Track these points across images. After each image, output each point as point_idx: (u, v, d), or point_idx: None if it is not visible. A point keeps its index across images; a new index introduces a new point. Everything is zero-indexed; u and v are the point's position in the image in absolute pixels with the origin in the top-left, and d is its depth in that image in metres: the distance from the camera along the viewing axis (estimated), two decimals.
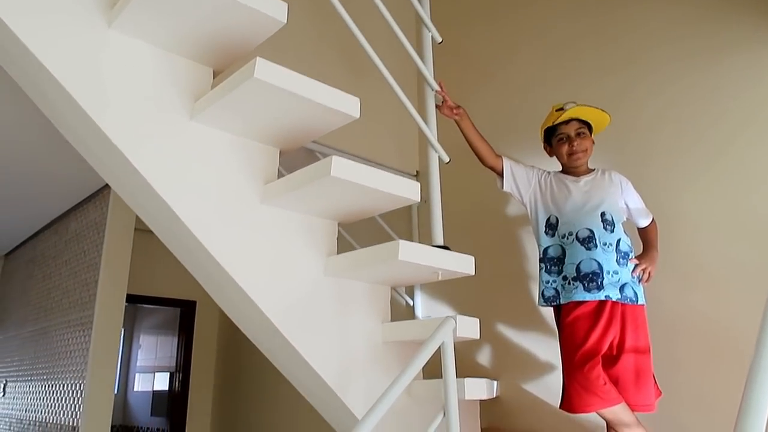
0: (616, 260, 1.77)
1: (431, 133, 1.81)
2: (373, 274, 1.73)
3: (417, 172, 2.83)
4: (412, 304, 2.76)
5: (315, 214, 1.70)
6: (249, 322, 1.71)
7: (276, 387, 3.79)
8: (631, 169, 1.99)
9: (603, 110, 1.88)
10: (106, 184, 3.19)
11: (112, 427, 5.39)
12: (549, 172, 1.95)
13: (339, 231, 2.21)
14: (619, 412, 1.62)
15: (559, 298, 1.80)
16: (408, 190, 1.60)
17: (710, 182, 1.95)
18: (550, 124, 1.89)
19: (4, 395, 4.05)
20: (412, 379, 1.44)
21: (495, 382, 2.25)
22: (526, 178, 1.94)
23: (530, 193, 1.93)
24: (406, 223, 2.89)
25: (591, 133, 1.92)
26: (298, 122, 1.56)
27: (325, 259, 1.71)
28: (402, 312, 2.72)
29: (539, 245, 1.89)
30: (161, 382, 5.09)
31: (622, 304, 1.74)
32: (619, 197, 1.88)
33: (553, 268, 1.83)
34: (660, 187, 2.03)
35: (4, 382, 4.10)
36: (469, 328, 1.67)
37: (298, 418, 3.51)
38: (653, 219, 1.92)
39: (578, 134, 1.88)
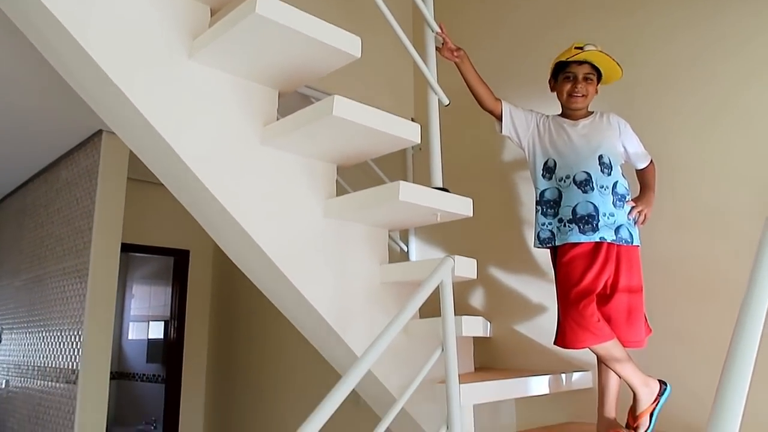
0: (613, 203, 1.80)
1: (431, 75, 1.81)
2: (373, 216, 1.75)
3: (412, 119, 2.83)
4: (406, 250, 2.80)
5: (314, 157, 1.71)
6: (250, 264, 1.73)
7: (270, 332, 3.87)
8: (628, 112, 2.00)
9: (619, 64, 1.87)
10: (97, 132, 3.15)
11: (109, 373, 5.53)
12: (548, 116, 1.96)
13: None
14: (610, 347, 1.68)
15: (555, 240, 1.83)
16: (409, 132, 1.61)
17: (707, 126, 1.97)
18: (563, 59, 1.88)
19: (0, 342, 4.10)
20: (411, 316, 1.48)
21: (488, 323, 2.32)
22: (524, 122, 1.95)
23: (528, 136, 1.94)
24: (401, 171, 2.90)
25: (599, 82, 1.92)
26: (298, 62, 1.55)
27: (324, 201, 1.72)
28: (397, 258, 2.76)
29: (536, 188, 1.91)
30: (156, 331, 5.16)
31: (617, 245, 1.78)
32: (617, 140, 1.90)
33: (549, 210, 1.86)
34: (656, 129, 2.05)
35: (0, 329, 4.14)
36: (466, 268, 1.70)
37: (293, 361, 3.60)
38: (651, 161, 1.94)
39: (585, 78, 1.88)
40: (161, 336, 4.98)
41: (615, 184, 1.83)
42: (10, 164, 3.71)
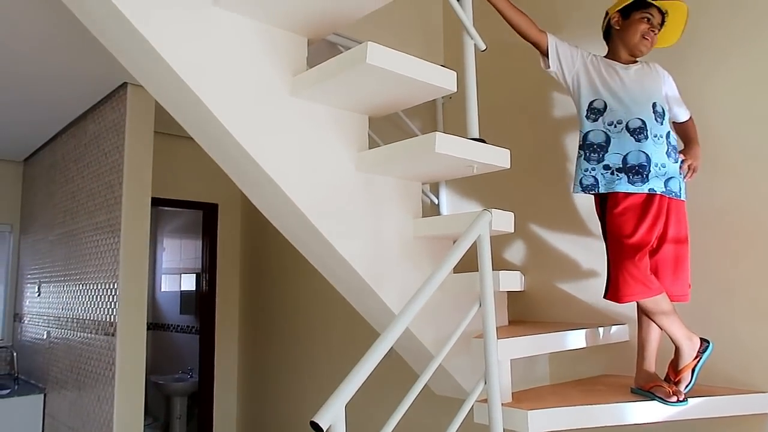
0: (666, 152, 1.72)
1: (467, 18, 1.71)
2: (406, 169, 1.70)
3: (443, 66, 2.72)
4: (437, 203, 2.75)
5: (346, 108, 1.65)
6: (283, 219, 1.71)
7: (301, 283, 3.90)
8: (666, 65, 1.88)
9: (682, 33, 1.78)
10: (122, 84, 3.11)
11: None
12: (597, 56, 1.85)
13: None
14: (660, 301, 1.64)
15: (598, 187, 1.76)
16: (445, 80, 1.53)
17: (738, 71, 1.84)
18: None
19: (39, 295, 4.22)
20: (449, 271, 1.45)
21: (523, 276, 2.28)
22: (570, 57, 1.84)
23: (574, 73, 1.83)
24: (431, 122, 2.82)
25: None
26: (327, 4, 1.47)
27: (356, 154, 1.68)
28: (427, 211, 2.72)
29: (580, 130, 1.83)
30: (188, 283, 5.26)
31: (669, 198, 1.71)
32: (663, 89, 1.81)
33: (592, 155, 1.78)
34: (688, 77, 1.94)
35: (38, 282, 4.25)
36: (504, 221, 1.65)
37: (325, 311, 3.64)
38: (690, 116, 1.86)
39: (657, 27, 1.78)
40: (193, 288, 5.06)
41: (668, 134, 1.75)
42: (38, 117, 3.71)
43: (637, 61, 1.83)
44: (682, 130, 1.87)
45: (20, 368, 4.38)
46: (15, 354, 4.42)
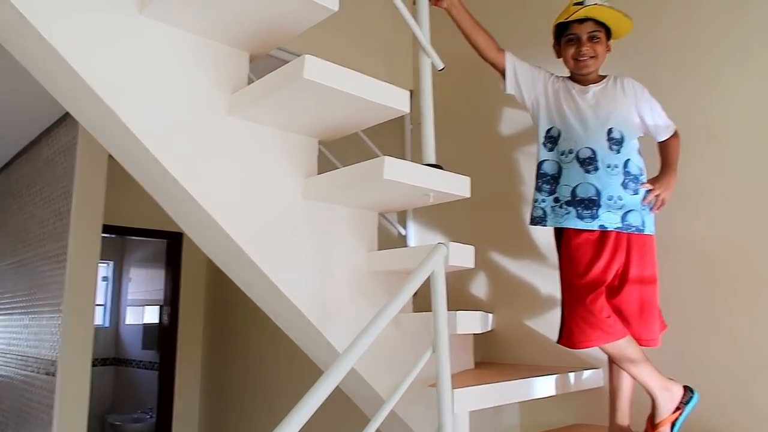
0: (622, 183, 1.58)
1: (423, 36, 1.59)
2: (357, 197, 1.55)
3: (411, 91, 2.60)
4: (404, 234, 2.60)
5: (290, 129, 1.50)
6: (217, 249, 1.54)
7: (266, 318, 3.70)
8: (643, 74, 1.76)
9: (627, 15, 1.63)
10: None
11: (106, 359, 5.42)
12: (558, 78, 1.73)
13: (326, 156, 2.03)
14: (623, 346, 1.49)
15: (546, 220, 1.63)
16: (395, 99, 1.40)
17: (731, 91, 1.73)
18: (562, 20, 1.65)
19: None
20: (398, 310, 1.29)
21: (490, 315, 2.12)
22: (530, 79, 1.72)
23: (533, 97, 1.72)
24: (399, 148, 2.69)
25: (608, 39, 1.68)
26: (272, 16, 1.33)
27: (303, 181, 1.53)
28: (394, 243, 2.57)
29: (537, 159, 1.70)
30: (151, 316, 5.02)
31: (628, 234, 1.57)
32: (631, 109, 1.66)
33: (544, 186, 1.66)
34: (681, 91, 1.82)
35: None
36: (463, 256, 1.51)
37: (289, 349, 3.43)
38: (675, 132, 1.70)
39: (591, 38, 1.64)
40: (157, 321, 4.84)
41: (626, 163, 1.60)
42: None
43: (604, 77, 1.70)
44: (661, 150, 1.72)
45: None
46: None
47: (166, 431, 4.15)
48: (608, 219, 1.54)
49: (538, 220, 1.65)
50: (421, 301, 1.81)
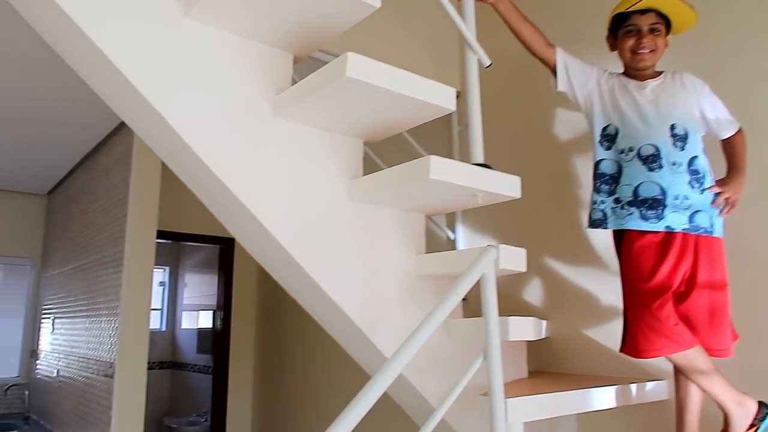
0: (689, 182, 1.48)
1: (469, 32, 1.53)
2: (404, 199, 1.51)
3: (458, 93, 2.54)
4: (453, 238, 2.54)
5: (334, 129, 1.48)
6: (265, 253, 1.53)
7: (315, 322, 3.70)
8: (706, 72, 1.65)
9: (692, 8, 1.53)
10: None
11: (163, 362, 5.56)
12: (612, 74, 1.64)
13: (371, 158, 2.00)
14: (692, 356, 1.38)
15: (607, 222, 1.54)
16: (441, 97, 1.35)
17: None
18: (622, 10, 1.56)
19: (53, 331, 4.13)
20: (446, 315, 1.24)
21: (544, 322, 2.03)
22: (583, 75, 1.64)
23: (586, 94, 1.64)
24: (446, 152, 2.63)
25: (668, 33, 1.59)
26: (315, 15, 1.31)
27: (348, 182, 1.50)
28: (443, 247, 2.51)
29: (593, 158, 1.61)
30: (205, 321, 5.12)
31: (696, 235, 1.46)
32: (693, 105, 1.56)
33: (603, 186, 1.57)
34: (742, 87, 1.69)
35: (52, 318, 4.18)
36: (514, 259, 1.44)
37: (341, 353, 3.42)
38: (740, 130, 1.59)
39: (652, 30, 1.55)
40: (210, 326, 4.93)
41: (692, 160, 1.50)
42: (57, 150, 3.69)
43: (661, 73, 1.61)
44: (726, 149, 1.61)
45: (33, 407, 4.27)
46: (27, 393, 4.33)
47: None
48: (675, 220, 1.45)
49: (598, 223, 1.57)
50: (472, 306, 1.75)
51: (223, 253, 4.44)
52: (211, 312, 4.83)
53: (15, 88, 2.78)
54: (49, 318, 4.28)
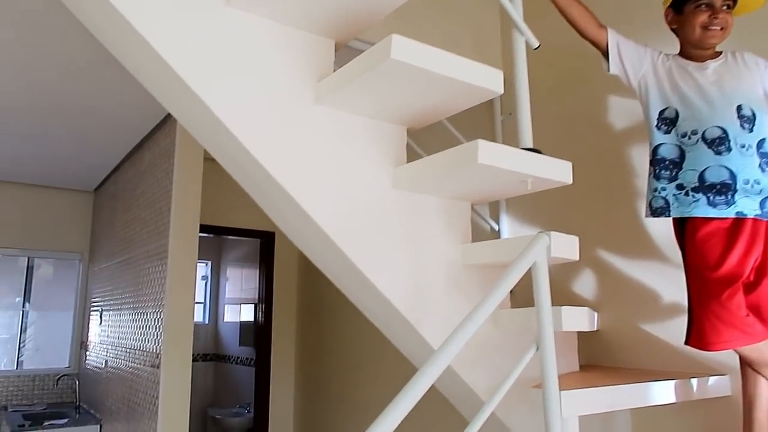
0: (759, 165, 1.40)
1: (516, 13, 1.48)
2: (450, 186, 1.47)
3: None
4: (497, 229, 2.48)
5: (377, 116, 1.44)
6: (310, 243, 1.51)
7: (357, 314, 3.69)
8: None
9: None
10: None
11: (207, 355, 5.66)
12: (668, 55, 1.56)
13: (412, 147, 1.96)
14: (765, 349, 1.31)
15: (669, 210, 1.46)
16: (488, 80, 1.30)
17: None
18: None
19: (101, 323, 4.24)
20: (496, 305, 1.19)
21: (595, 314, 1.96)
22: (636, 57, 1.57)
23: (640, 76, 1.56)
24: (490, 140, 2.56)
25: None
26: (357, 0, 1.28)
27: (393, 170, 1.46)
28: (487, 238, 2.45)
29: (650, 143, 1.54)
30: (247, 314, 5.18)
31: (766, 222, 1.38)
32: (757, 85, 1.48)
33: (664, 172, 1.49)
34: None
35: (101, 310, 4.29)
36: (566, 246, 1.38)
37: (384, 345, 3.40)
38: None
39: (724, 5, 1.47)
40: (252, 319, 4.98)
41: (761, 142, 1.42)
42: (103, 147, 3.77)
43: (720, 53, 1.52)
44: None
45: (83, 396, 4.40)
46: (78, 382, 4.46)
47: (263, 426, 4.24)
48: (746, 205, 1.36)
49: (660, 211, 1.49)
50: (518, 298, 1.70)
51: (263, 246, 4.47)
52: (253, 305, 4.88)
53: (65, 93, 2.86)
54: (97, 311, 4.39)
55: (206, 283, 5.92)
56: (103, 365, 4.02)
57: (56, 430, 3.76)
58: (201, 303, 5.83)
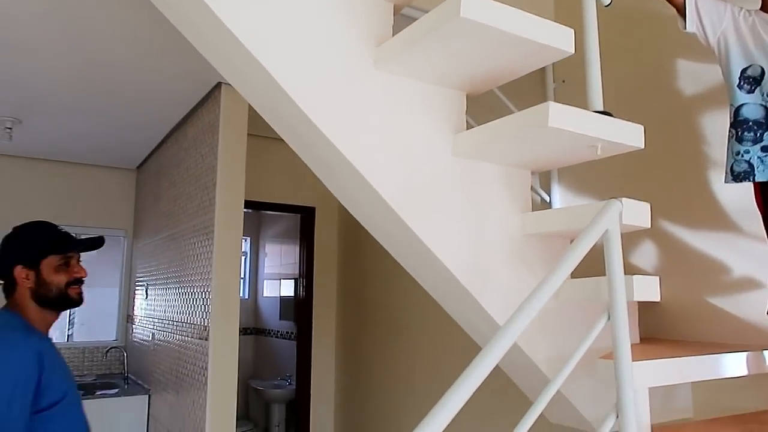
0: None
1: None
2: (513, 153, 1.42)
3: None
4: (548, 200, 2.42)
5: (438, 82, 1.40)
6: (368, 214, 1.49)
7: (400, 289, 3.69)
8: None
9: None
10: (216, 85, 3.07)
11: (247, 329, 5.75)
12: (749, 10, 1.47)
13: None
14: None
15: (754, 174, 1.39)
16: (559, 39, 1.24)
17: None
18: None
19: (146, 298, 4.33)
20: (568, 275, 1.16)
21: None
22: (716, 12, 1.48)
23: (719, 33, 1.48)
24: None
25: None
26: None
27: (452, 137, 1.42)
28: (537, 209, 2.40)
29: (730, 104, 1.46)
30: (287, 289, 5.23)
31: None
32: None
33: (747, 134, 1.41)
34: None
35: (146, 285, 4.37)
36: (638, 214, 1.33)
37: (425, 318, 3.39)
38: None
39: None
40: (292, 294, 5.02)
41: None
42: (146, 124, 3.80)
43: None
44: None
45: (130, 368, 4.52)
46: (126, 354, 4.58)
47: (306, 397, 4.30)
48: None
49: (743, 176, 1.42)
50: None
51: (304, 221, 4.48)
52: (293, 280, 4.91)
53: (111, 67, 2.85)
54: (142, 286, 4.48)
55: (246, 259, 5.98)
56: (150, 338, 4.11)
57: (108, 399, 3.87)
58: (241, 278, 5.90)
